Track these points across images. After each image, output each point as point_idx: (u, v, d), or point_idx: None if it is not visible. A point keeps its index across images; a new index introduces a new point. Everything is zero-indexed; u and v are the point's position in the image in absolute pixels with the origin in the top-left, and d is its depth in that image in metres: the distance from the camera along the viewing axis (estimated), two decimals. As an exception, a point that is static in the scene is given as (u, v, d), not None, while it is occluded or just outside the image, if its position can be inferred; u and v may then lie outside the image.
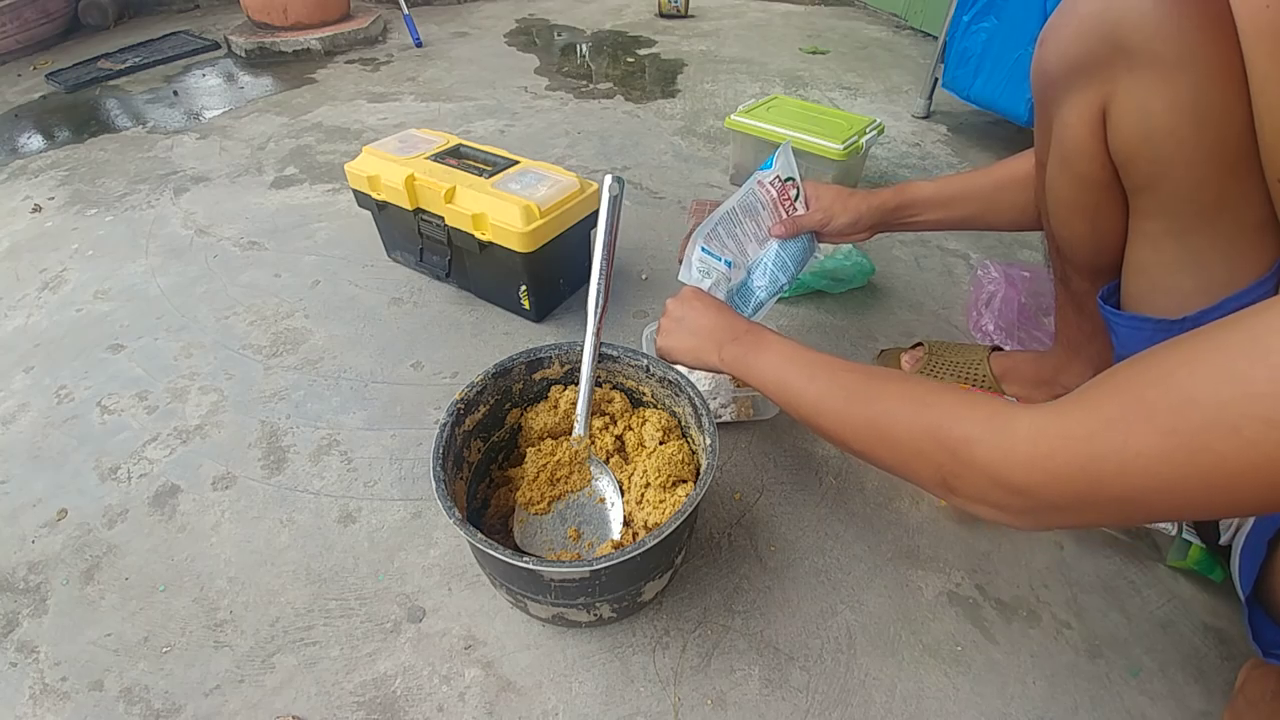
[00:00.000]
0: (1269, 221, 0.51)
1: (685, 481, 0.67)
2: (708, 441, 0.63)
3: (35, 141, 1.72)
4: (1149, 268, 0.58)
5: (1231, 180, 0.50)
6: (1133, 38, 0.48)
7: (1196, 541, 0.67)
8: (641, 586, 0.61)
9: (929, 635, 0.66)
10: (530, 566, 0.52)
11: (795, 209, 0.83)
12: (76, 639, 0.67)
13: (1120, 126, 0.52)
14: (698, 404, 0.66)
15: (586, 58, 2.21)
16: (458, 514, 0.55)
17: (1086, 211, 0.61)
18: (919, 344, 0.93)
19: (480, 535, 0.54)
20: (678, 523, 0.55)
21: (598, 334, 0.68)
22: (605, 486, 0.69)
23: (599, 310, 0.68)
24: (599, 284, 0.67)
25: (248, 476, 0.83)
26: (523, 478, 0.70)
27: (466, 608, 0.68)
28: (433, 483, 0.58)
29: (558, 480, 0.69)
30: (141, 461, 0.85)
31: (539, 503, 0.68)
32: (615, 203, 0.67)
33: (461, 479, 0.67)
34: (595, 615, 0.62)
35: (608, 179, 0.67)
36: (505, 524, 0.69)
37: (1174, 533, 0.67)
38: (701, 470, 0.64)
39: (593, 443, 0.72)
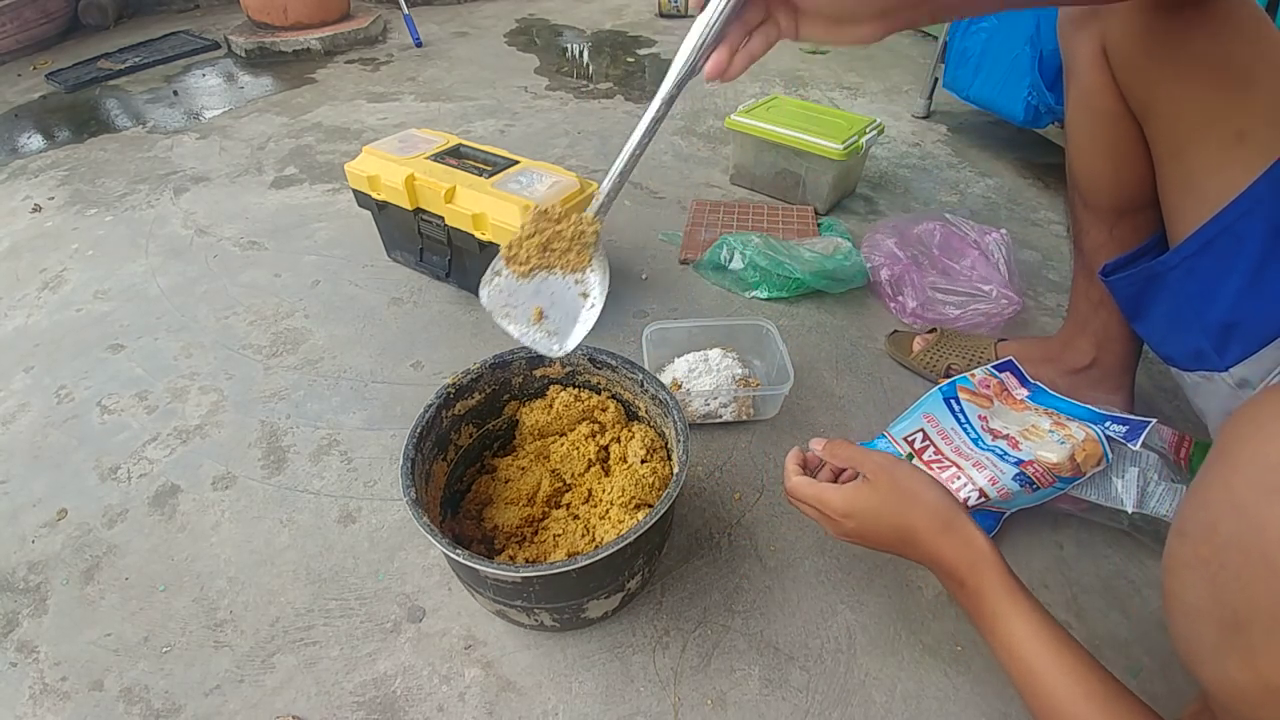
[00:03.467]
0: (1249, 133, 0.53)
1: (650, 506, 0.65)
2: (675, 468, 0.61)
3: (35, 141, 1.72)
4: (1165, 193, 0.61)
5: (1210, 93, 0.54)
6: None
7: None
8: (584, 603, 0.59)
9: (929, 635, 0.66)
10: (464, 561, 0.52)
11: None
12: (76, 639, 0.67)
13: (1113, 57, 0.60)
14: (679, 429, 0.64)
15: (586, 58, 2.21)
16: (413, 493, 0.55)
17: (1105, 147, 0.66)
18: (932, 330, 0.96)
19: (426, 520, 0.54)
20: (616, 547, 0.53)
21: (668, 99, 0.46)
22: (594, 284, 0.57)
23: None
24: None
25: (248, 476, 0.83)
26: (506, 465, 0.72)
27: (466, 607, 0.68)
28: (401, 459, 0.58)
29: (551, 250, 0.56)
30: (141, 461, 0.85)
31: (524, 263, 0.56)
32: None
33: (445, 461, 0.67)
34: (536, 620, 0.61)
35: None
36: (480, 512, 0.70)
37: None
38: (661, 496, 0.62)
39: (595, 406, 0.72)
